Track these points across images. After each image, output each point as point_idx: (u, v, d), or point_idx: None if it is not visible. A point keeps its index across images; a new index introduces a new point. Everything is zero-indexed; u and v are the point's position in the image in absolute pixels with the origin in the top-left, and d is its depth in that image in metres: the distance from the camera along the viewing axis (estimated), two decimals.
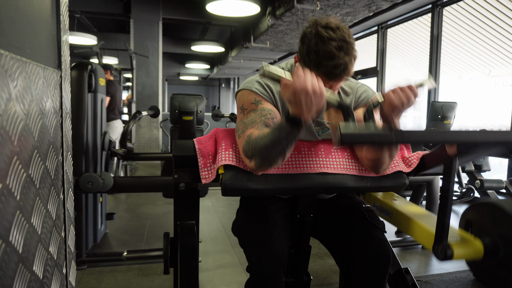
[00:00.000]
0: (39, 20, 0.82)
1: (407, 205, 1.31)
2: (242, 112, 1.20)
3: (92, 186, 2.20)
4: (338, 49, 1.06)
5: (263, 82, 1.21)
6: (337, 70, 1.07)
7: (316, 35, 1.08)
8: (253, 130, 1.10)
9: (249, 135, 1.08)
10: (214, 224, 3.39)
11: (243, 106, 1.20)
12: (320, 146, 1.25)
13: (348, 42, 1.08)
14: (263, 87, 1.20)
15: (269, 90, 1.21)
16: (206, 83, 17.88)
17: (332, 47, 1.05)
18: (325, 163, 1.21)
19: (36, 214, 0.74)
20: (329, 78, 1.10)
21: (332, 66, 1.06)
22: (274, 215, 1.25)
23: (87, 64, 2.37)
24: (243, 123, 1.16)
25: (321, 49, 1.06)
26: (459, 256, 0.98)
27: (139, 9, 7.33)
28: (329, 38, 1.06)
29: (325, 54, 1.06)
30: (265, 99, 1.19)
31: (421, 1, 4.79)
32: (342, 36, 1.07)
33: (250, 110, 1.18)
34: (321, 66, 1.07)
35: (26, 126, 0.70)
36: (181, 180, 1.27)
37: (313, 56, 1.08)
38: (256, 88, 1.20)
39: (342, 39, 1.07)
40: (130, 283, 2.19)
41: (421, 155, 1.28)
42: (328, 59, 1.06)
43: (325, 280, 2.28)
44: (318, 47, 1.07)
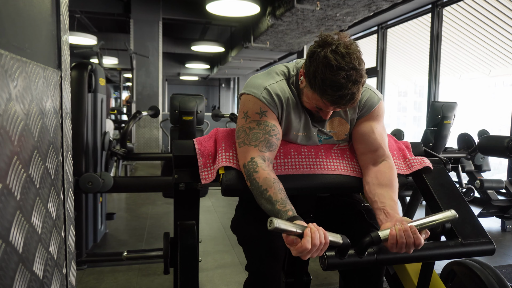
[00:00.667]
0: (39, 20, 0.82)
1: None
2: (245, 119, 1.18)
3: (92, 186, 2.20)
4: (347, 78, 1.01)
5: (271, 91, 1.17)
6: (343, 100, 1.05)
7: (325, 61, 1.02)
8: (256, 152, 1.12)
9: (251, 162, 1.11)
10: (214, 224, 3.39)
11: (247, 113, 1.18)
12: (320, 147, 1.26)
13: (358, 70, 1.02)
14: (271, 96, 1.17)
15: (277, 100, 1.17)
16: (206, 83, 17.88)
17: (340, 77, 1.01)
18: (325, 164, 1.21)
19: (36, 214, 0.74)
20: (334, 106, 1.09)
21: (338, 96, 1.03)
22: None
23: (87, 64, 2.37)
24: (246, 134, 1.15)
25: (329, 78, 1.02)
26: None
27: (139, 9, 7.33)
28: (338, 67, 1.01)
29: (332, 83, 1.02)
30: (271, 109, 1.17)
31: (421, 1, 4.79)
32: (352, 64, 1.01)
33: (253, 120, 1.16)
34: (327, 95, 1.05)
35: (26, 126, 0.70)
36: (181, 180, 1.27)
37: (319, 81, 1.04)
38: (264, 97, 1.16)
39: (352, 67, 1.01)
40: (130, 283, 2.19)
41: (424, 162, 1.28)
42: (335, 89, 1.02)
43: (325, 280, 2.28)
44: (325, 75, 1.02)
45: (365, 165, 1.22)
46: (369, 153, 1.22)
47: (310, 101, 1.14)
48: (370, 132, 1.23)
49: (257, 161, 1.09)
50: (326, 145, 1.27)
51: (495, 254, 1.17)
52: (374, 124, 1.24)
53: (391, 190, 1.13)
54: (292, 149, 1.24)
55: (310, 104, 1.16)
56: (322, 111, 1.16)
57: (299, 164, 1.19)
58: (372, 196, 1.14)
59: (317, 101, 1.11)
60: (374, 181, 1.16)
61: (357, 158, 1.26)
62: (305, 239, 0.89)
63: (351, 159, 1.26)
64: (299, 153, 1.22)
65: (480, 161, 3.46)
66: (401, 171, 1.28)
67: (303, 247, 0.89)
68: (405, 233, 0.95)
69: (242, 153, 1.14)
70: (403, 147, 1.37)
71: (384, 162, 1.20)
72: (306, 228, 0.91)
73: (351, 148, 1.29)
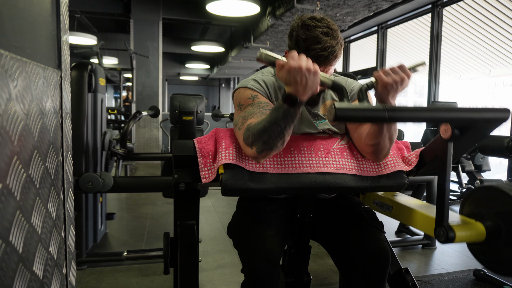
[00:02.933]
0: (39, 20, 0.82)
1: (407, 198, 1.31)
2: (239, 108, 1.23)
3: (92, 186, 2.20)
4: (325, 34, 1.16)
5: (258, 79, 1.28)
6: (325, 52, 1.15)
7: (303, 25, 1.18)
8: (253, 120, 1.13)
9: (249, 124, 1.11)
10: (214, 224, 3.39)
11: (240, 102, 1.24)
12: (319, 145, 1.26)
13: (333, 29, 1.17)
14: (258, 82, 1.27)
15: (264, 85, 1.27)
16: (206, 83, 17.88)
17: (318, 32, 1.15)
18: (325, 163, 1.21)
19: (36, 214, 0.74)
20: (319, 62, 1.16)
21: (320, 49, 1.15)
22: (269, 216, 1.26)
23: (87, 64, 2.37)
24: (242, 116, 1.19)
25: (308, 36, 1.16)
26: (461, 238, 0.96)
27: (139, 9, 7.33)
28: (314, 26, 1.16)
29: (312, 39, 1.15)
30: (261, 93, 1.25)
31: (421, 1, 4.79)
32: (327, 24, 1.17)
33: (247, 104, 1.22)
34: (310, 51, 1.16)
35: (26, 126, 0.70)
36: (181, 180, 1.27)
37: (301, 44, 1.17)
38: (252, 84, 1.26)
39: (327, 26, 1.17)
40: (130, 283, 2.19)
41: (419, 152, 1.28)
42: (316, 43, 1.15)
43: (325, 280, 2.28)
44: (305, 34, 1.16)
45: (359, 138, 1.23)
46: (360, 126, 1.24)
47: None
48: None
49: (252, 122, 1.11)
50: (326, 144, 1.27)
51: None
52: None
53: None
54: (292, 147, 1.24)
55: None
56: None
57: (299, 163, 1.19)
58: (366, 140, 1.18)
59: None
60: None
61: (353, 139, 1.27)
62: (289, 55, 0.96)
63: (351, 157, 1.26)
64: (298, 152, 1.22)
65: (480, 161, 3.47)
66: (402, 168, 1.28)
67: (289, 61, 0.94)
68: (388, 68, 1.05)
69: (241, 133, 1.15)
70: (402, 147, 1.37)
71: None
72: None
73: (350, 147, 1.29)
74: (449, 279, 2.30)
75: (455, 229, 0.96)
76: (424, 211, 1.16)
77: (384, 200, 1.36)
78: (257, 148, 1.07)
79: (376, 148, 1.16)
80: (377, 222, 1.28)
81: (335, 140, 1.30)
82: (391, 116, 0.89)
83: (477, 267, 2.36)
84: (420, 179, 2.64)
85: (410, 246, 2.88)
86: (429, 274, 2.42)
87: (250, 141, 1.09)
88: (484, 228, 0.98)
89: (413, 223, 1.19)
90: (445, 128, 0.98)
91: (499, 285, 2.16)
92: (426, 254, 2.76)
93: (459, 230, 0.96)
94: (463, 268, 2.51)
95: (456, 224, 0.98)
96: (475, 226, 0.99)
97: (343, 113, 0.86)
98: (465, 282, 2.27)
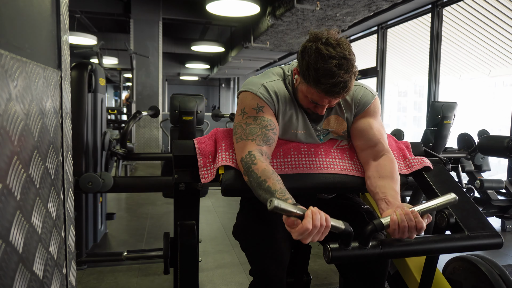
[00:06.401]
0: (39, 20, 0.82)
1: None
2: (242, 115, 1.20)
3: (92, 186, 2.20)
4: (338, 67, 1.05)
5: (268, 87, 1.21)
6: (337, 88, 1.07)
7: (316, 52, 1.07)
8: (254, 146, 1.12)
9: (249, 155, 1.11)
10: (214, 224, 3.39)
11: (245, 109, 1.20)
12: (319, 146, 1.26)
13: (349, 59, 1.07)
14: (268, 92, 1.20)
15: (274, 96, 1.21)
16: (206, 83, 17.88)
17: (332, 65, 1.05)
18: (325, 163, 1.21)
19: (36, 214, 0.74)
20: (328, 95, 1.11)
21: (331, 84, 1.07)
22: (275, 217, 1.25)
23: (87, 64, 2.36)
24: (243, 129, 1.17)
25: (321, 67, 1.06)
26: None
27: (139, 9, 7.33)
28: (329, 56, 1.05)
29: (325, 72, 1.06)
30: (268, 105, 1.19)
31: (421, 1, 4.79)
32: (343, 54, 1.06)
33: (250, 115, 1.18)
34: (321, 84, 1.08)
35: (26, 126, 0.70)
36: (181, 180, 1.27)
37: (312, 73, 1.08)
38: (261, 92, 1.19)
39: (343, 56, 1.06)
40: (130, 283, 2.19)
41: (424, 162, 1.28)
42: (328, 77, 1.06)
43: (325, 280, 2.28)
44: (318, 64, 1.06)
45: (365, 161, 1.23)
46: (369, 148, 1.23)
47: (305, 97, 1.17)
48: (368, 128, 1.25)
49: (255, 154, 1.10)
50: (326, 145, 1.27)
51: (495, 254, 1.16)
52: (371, 120, 1.26)
53: (392, 181, 1.14)
54: (292, 148, 1.24)
55: (306, 100, 1.18)
56: (318, 107, 1.18)
57: (299, 163, 1.19)
58: (373, 189, 1.15)
59: (312, 94, 1.13)
60: (375, 174, 1.17)
61: (358, 156, 1.27)
62: (306, 220, 0.89)
63: (351, 158, 1.26)
64: (298, 153, 1.22)
65: (480, 161, 3.47)
66: (401, 171, 1.28)
67: (304, 227, 0.88)
68: (406, 216, 0.96)
69: (239, 148, 1.15)
70: (403, 147, 1.37)
71: (384, 157, 1.21)
72: (307, 210, 0.91)
73: (350, 148, 1.29)
74: None
75: None
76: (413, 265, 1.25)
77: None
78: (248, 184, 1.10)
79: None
80: None
81: (335, 141, 1.30)
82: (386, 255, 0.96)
83: None
84: None
85: None
86: None
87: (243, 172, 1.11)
88: None
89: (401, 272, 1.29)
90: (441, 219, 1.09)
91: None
92: None
93: None
94: None
95: None
96: None
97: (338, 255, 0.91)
98: None
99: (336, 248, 0.91)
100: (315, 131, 1.27)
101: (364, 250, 0.93)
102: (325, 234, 0.91)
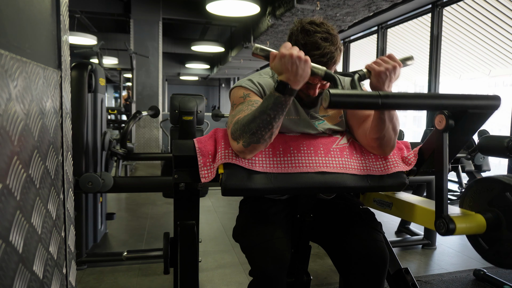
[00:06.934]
0: (39, 20, 0.82)
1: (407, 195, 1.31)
2: (232, 108, 1.26)
3: (92, 186, 2.20)
4: (324, 40, 1.14)
5: (253, 79, 1.28)
6: (324, 58, 1.14)
7: (302, 30, 1.17)
8: (241, 115, 1.14)
9: (238, 118, 1.13)
10: (214, 224, 3.39)
11: (233, 102, 1.26)
12: (319, 145, 1.26)
13: (333, 35, 1.16)
14: (253, 82, 1.27)
15: (258, 85, 1.27)
16: (206, 83, 17.88)
17: (318, 38, 1.14)
18: (325, 163, 1.21)
19: (36, 214, 0.74)
20: None
21: (319, 55, 1.14)
22: (275, 217, 1.25)
23: (87, 64, 2.37)
24: (232, 115, 1.20)
25: (308, 41, 1.14)
26: (461, 230, 0.96)
27: (139, 9, 7.33)
28: (314, 31, 1.15)
29: (312, 44, 1.14)
30: (254, 92, 1.25)
31: (421, 1, 4.79)
32: (327, 29, 1.16)
33: (238, 103, 1.23)
34: (309, 57, 1.12)
35: (26, 126, 0.70)
36: (181, 180, 1.26)
37: (300, 48, 1.13)
38: (246, 83, 1.26)
39: (327, 31, 1.16)
40: (130, 283, 2.19)
41: (417, 150, 1.28)
42: (315, 49, 1.14)
43: (325, 280, 2.28)
44: (305, 40, 1.15)
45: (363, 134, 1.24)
46: (364, 122, 1.25)
47: None
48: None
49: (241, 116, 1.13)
50: (326, 144, 1.27)
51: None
52: None
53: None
54: (292, 147, 1.24)
55: None
56: (310, 87, 1.20)
57: (298, 162, 1.19)
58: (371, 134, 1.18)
59: None
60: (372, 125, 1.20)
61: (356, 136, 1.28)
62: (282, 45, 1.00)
63: (350, 157, 1.26)
64: (298, 151, 1.22)
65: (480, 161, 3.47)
66: (402, 169, 1.27)
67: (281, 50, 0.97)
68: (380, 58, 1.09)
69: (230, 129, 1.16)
70: (403, 147, 1.37)
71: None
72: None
73: (350, 147, 1.29)
74: (449, 279, 2.30)
75: (455, 220, 0.95)
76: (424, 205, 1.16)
77: (384, 198, 1.36)
78: (244, 141, 1.07)
79: (382, 142, 1.18)
80: (375, 222, 1.29)
81: (335, 140, 1.30)
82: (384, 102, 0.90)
83: (477, 267, 2.36)
84: (420, 179, 2.64)
85: (410, 246, 2.88)
86: (429, 274, 2.42)
87: (238, 134, 1.09)
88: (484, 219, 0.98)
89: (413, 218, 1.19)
90: (440, 119, 0.99)
91: (499, 285, 2.16)
92: (426, 254, 2.76)
93: (459, 222, 0.95)
94: (463, 268, 2.51)
95: (456, 216, 0.97)
96: (475, 217, 0.99)
97: (338, 99, 0.87)
98: (465, 282, 2.27)
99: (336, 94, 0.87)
100: (311, 118, 1.29)
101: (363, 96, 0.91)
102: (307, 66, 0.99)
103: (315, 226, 1.32)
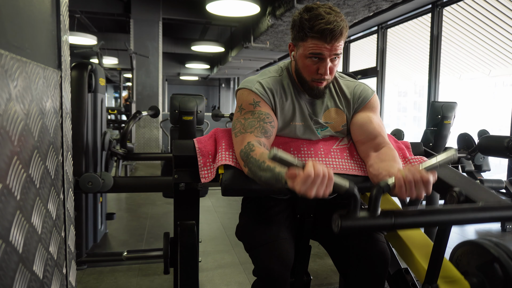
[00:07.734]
0: (39, 20, 0.82)
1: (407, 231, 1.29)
2: (240, 111, 1.22)
3: (92, 186, 2.20)
4: (327, 13, 1.13)
5: (264, 83, 1.23)
6: (331, 25, 1.10)
7: (305, 9, 1.15)
8: (252, 137, 1.12)
9: (248, 145, 1.10)
10: (214, 224, 3.39)
11: (242, 105, 1.22)
12: (319, 145, 1.26)
13: (336, 11, 1.15)
14: (263, 88, 1.22)
15: (269, 92, 1.23)
16: (206, 83, 17.88)
17: (321, 11, 1.13)
18: (325, 163, 1.21)
19: (36, 214, 0.74)
20: (325, 37, 1.11)
21: (324, 23, 1.10)
22: (278, 217, 1.25)
23: (87, 64, 2.36)
24: (241, 124, 1.18)
25: (311, 15, 1.12)
26: None
27: (139, 9, 7.33)
28: (317, 7, 1.14)
29: (316, 16, 1.12)
30: (264, 100, 1.21)
31: (421, 1, 4.79)
32: (329, 7, 1.16)
33: (247, 111, 1.20)
34: (315, 27, 1.12)
35: (26, 126, 0.70)
36: (181, 180, 1.27)
37: (305, 24, 1.13)
38: (256, 88, 1.22)
39: (329, 8, 1.15)
40: (130, 283, 2.19)
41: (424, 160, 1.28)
42: (320, 19, 1.11)
43: (325, 280, 2.28)
44: (309, 15, 1.13)
45: (366, 154, 1.23)
46: (369, 141, 1.23)
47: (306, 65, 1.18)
48: (368, 122, 1.26)
49: (254, 143, 1.11)
50: (326, 144, 1.27)
51: None
52: (371, 115, 1.28)
53: (395, 163, 1.11)
54: (292, 147, 1.24)
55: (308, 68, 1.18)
56: (320, 65, 1.16)
57: None
58: (376, 171, 1.12)
59: (310, 48, 1.14)
60: (376, 160, 1.16)
61: (358, 150, 1.27)
62: (307, 167, 0.86)
63: (351, 157, 1.26)
64: (298, 152, 1.22)
65: (480, 161, 3.46)
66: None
67: (306, 173, 0.84)
68: (410, 171, 0.92)
69: (238, 141, 1.16)
70: (403, 147, 1.37)
71: (385, 148, 1.20)
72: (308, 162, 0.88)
73: (350, 147, 1.29)
74: None
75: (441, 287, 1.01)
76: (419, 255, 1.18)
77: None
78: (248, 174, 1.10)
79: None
80: None
81: (335, 141, 1.30)
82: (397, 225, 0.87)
83: None
84: None
85: None
86: None
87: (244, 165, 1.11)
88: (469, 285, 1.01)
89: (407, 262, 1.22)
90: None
91: None
92: None
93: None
94: None
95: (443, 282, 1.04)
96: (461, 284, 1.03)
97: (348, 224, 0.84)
98: None
99: (345, 217, 0.84)
100: (314, 124, 1.27)
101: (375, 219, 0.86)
102: (329, 187, 0.87)
103: (317, 226, 1.32)
